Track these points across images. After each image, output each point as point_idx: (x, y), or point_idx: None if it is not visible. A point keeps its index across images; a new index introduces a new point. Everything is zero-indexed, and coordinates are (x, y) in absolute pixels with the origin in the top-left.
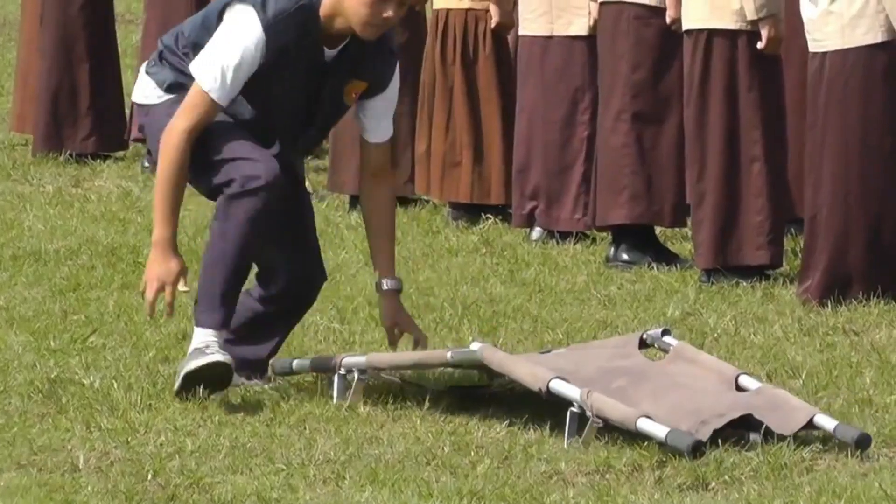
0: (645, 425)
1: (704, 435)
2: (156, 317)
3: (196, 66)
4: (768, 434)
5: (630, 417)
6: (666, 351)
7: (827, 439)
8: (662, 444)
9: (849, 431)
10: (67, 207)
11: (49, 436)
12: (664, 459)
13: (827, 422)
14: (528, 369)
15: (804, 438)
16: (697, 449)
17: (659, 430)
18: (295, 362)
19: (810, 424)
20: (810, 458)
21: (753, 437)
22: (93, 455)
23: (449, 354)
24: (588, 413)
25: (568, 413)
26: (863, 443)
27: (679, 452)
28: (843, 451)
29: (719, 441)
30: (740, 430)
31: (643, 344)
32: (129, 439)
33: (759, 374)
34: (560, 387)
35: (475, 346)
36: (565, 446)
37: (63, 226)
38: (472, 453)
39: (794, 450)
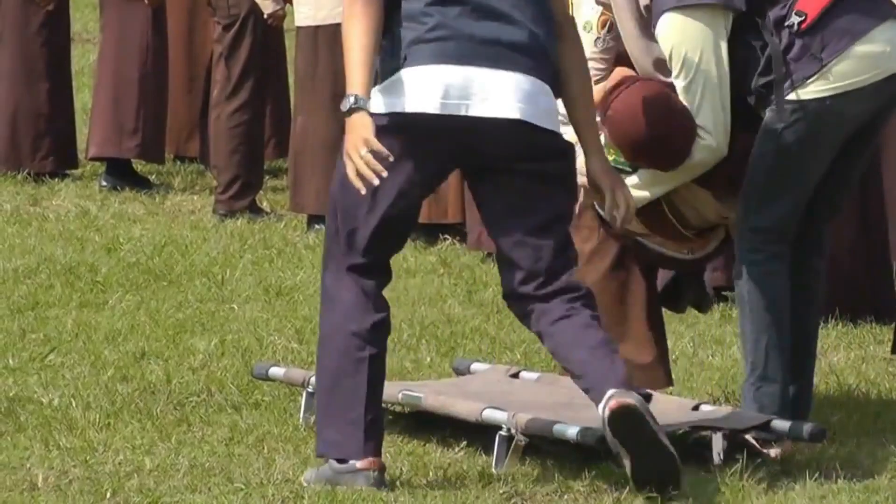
0: (560, 428)
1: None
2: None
3: None
4: (728, 455)
5: (547, 426)
6: None
7: (785, 461)
8: (577, 444)
9: (804, 427)
10: (25, 226)
11: (7, 454)
12: (623, 481)
13: (782, 424)
14: (464, 405)
15: (763, 461)
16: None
17: (571, 430)
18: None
19: (766, 427)
20: (769, 480)
21: (716, 456)
22: (51, 474)
23: (399, 395)
24: (513, 431)
25: (497, 437)
26: (817, 436)
27: (592, 449)
28: (801, 473)
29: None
30: (697, 430)
31: None
32: (88, 458)
33: (717, 396)
34: (491, 414)
35: (419, 392)
36: (493, 470)
37: (21, 244)
38: (431, 474)
39: (752, 472)
